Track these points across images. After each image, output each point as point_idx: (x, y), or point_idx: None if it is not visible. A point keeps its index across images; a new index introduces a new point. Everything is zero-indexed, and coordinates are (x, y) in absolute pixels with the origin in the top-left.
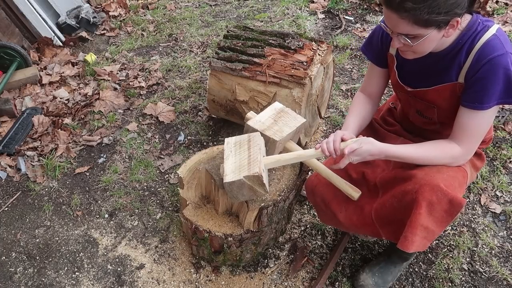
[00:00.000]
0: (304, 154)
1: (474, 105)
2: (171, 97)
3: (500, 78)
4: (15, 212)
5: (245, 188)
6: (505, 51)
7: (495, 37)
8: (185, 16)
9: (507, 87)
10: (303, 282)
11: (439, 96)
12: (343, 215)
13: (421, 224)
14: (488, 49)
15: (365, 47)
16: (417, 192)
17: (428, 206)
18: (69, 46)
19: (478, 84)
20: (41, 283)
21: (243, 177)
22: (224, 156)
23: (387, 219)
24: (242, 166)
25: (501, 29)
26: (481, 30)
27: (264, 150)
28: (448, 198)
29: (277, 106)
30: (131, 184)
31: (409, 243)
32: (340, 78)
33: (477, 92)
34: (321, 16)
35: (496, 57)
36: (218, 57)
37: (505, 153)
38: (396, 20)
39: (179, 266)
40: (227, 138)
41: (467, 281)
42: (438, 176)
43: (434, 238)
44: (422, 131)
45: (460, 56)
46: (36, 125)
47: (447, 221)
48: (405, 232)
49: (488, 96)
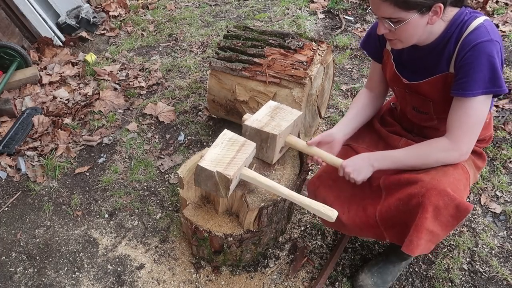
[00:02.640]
0: (279, 189)
1: (458, 92)
2: (171, 97)
3: (484, 64)
4: (15, 212)
5: (211, 181)
6: (490, 38)
7: (482, 25)
8: (185, 16)
9: (491, 75)
10: (303, 282)
11: (432, 89)
12: (346, 217)
13: (426, 228)
14: (473, 36)
15: (363, 43)
16: (424, 196)
17: (434, 210)
18: (69, 46)
19: (462, 70)
20: (41, 283)
21: (216, 171)
22: (214, 143)
23: (392, 221)
24: (222, 162)
25: (489, 20)
26: (469, 19)
27: (249, 161)
28: (455, 203)
29: (272, 104)
30: (131, 184)
31: (414, 247)
32: (340, 78)
33: (461, 79)
34: (321, 16)
35: (479, 43)
36: (218, 57)
37: (505, 153)
38: (378, 3)
39: (179, 266)
40: (226, 129)
41: (467, 281)
42: (445, 180)
43: (439, 241)
44: (421, 129)
45: (449, 46)
46: (36, 125)
47: (452, 225)
48: (410, 236)
49: (472, 82)
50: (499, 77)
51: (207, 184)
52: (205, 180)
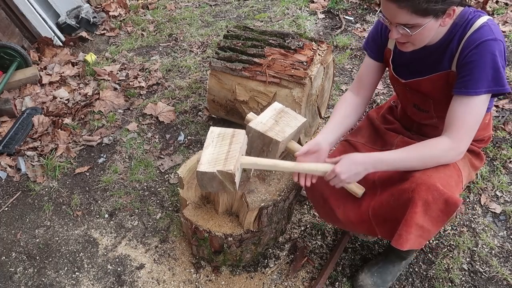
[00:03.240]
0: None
1: (461, 90)
2: (171, 97)
3: (487, 63)
4: (15, 212)
5: (215, 181)
6: (494, 37)
7: (486, 24)
8: (185, 16)
9: (494, 74)
10: (303, 282)
11: (433, 86)
12: (341, 211)
13: (416, 222)
14: (477, 34)
15: (367, 43)
16: (414, 191)
17: (424, 205)
18: (69, 46)
19: (465, 68)
20: (41, 283)
21: (216, 170)
22: (205, 144)
23: (384, 217)
24: (219, 160)
25: (493, 20)
26: (473, 18)
27: (244, 148)
28: (444, 197)
29: (277, 106)
30: (131, 184)
31: (404, 241)
32: (340, 78)
33: (464, 77)
34: (321, 16)
35: (483, 42)
36: (218, 57)
37: (505, 153)
38: (395, 10)
39: (179, 266)
40: (212, 126)
41: (467, 281)
42: (435, 175)
43: (431, 237)
44: (420, 127)
45: (452, 45)
46: (36, 125)
47: (443, 221)
48: (399, 230)
49: (475, 81)
50: (502, 76)
51: (212, 186)
52: (209, 182)
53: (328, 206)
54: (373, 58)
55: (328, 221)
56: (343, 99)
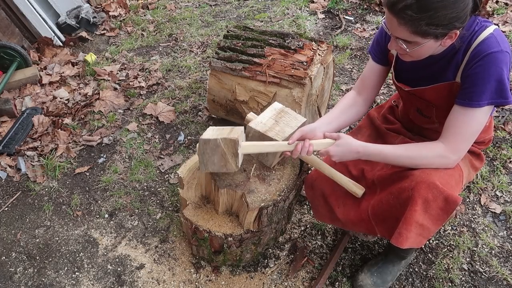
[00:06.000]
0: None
1: (464, 101)
2: (171, 97)
3: (492, 75)
4: (15, 212)
5: (217, 154)
6: (500, 49)
7: (492, 36)
8: (185, 16)
9: (498, 86)
10: (303, 282)
11: (437, 95)
12: (340, 210)
13: (416, 221)
14: (483, 46)
15: (372, 46)
16: (413, 189)
17: (423, 203)
18: (69, 46)
19: (470, 79)
20: (41, 283)
21: (220, 138)
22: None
23: (383, 216)
24: (222, 134)
25: (499, 29)
26: (479, 30)
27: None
28: (443, 195)
29: (277, 106)
30: (131, 184)
31: (403, 239)
32: (340, 78)
33: (467, 89)
34: (321, 16)
35: (489, 54)
36: (218, 57)
37: (505, 153)
38: (395, 25)
39: (179, 266)
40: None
41: (467, 281)
42: (435, 174)
43: (430, 236)
44: (421, 130)
45: (458, 56)
46: (36, 125)
47: (443, 219)
48: (399, 228)
49: (478, 93)
50: (506, 88)
51: (214, 161)
52: (210, 155)
53: (328, 205)
54: (376, 62)
55: (326, 222)
56: (345, 96)
